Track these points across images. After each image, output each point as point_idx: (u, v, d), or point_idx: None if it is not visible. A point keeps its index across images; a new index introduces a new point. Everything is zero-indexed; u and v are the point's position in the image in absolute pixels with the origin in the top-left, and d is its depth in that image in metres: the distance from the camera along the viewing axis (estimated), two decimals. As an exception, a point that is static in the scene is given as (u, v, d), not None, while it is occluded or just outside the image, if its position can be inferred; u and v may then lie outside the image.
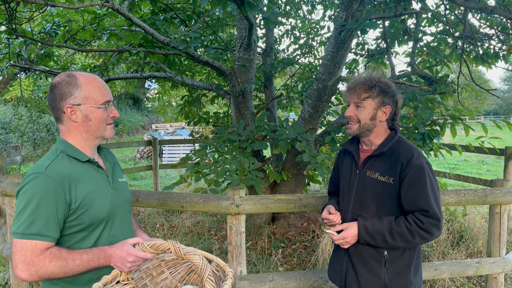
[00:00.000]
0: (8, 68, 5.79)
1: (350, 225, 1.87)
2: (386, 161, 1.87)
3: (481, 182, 6.06)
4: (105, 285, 1.42)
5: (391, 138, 1.90)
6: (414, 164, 1.78)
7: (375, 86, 1.85)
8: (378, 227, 1.81)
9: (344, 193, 2.02)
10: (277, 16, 4.75)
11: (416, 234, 1.75)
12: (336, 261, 2.06)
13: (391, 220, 1.81)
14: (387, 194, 1.84)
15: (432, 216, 1.75)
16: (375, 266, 1.87)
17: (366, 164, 1.93)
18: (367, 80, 1.87)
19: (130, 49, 4.72)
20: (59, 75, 1.55)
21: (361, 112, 1.87)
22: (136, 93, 27.57)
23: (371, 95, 1.85)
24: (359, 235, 1.85)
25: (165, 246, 1.40)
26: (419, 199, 1.76)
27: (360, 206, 1.92)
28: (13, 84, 16.62)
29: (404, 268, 1.87)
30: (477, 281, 3.92)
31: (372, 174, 1.89)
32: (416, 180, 1.77)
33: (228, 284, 1.36)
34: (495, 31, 5.02)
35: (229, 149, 4.44)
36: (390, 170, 1.83)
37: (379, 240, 1.81)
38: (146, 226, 5.80)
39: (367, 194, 1.90)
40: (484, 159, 13.13)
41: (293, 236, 5.11)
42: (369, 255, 1.88)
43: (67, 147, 1.54)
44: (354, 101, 1.88)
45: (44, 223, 1.38)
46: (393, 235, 1.78)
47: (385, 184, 1.84)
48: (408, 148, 1.85)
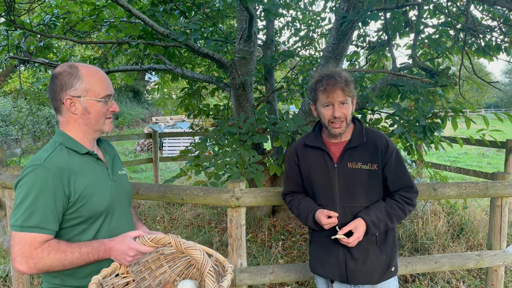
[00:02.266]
0: (7, 60, 5.75)
1: (358, 224, 1.87)
2: (364, 150, 1.94)
3: (481, 175, 6.06)
4: (104, 278, 1.41)
5: (360, 128, 1.99)
6: (391, 148, 1.94)
7: (351, 81, 1.89)
8: (381, 217, 1.88)
9: (324, 189, 1.99)
10: (277, 7, 4.71)
11: (407, 210, 1.93)
12: (329, 257, 2.02)
13: (386, 206, 1.92)
14: (374, 180, 1.93)
15: (415, 191, 1.96)
16: (370, 247, 1.95)
17: (344, 156, 1.95)
18: (344, 76, 1.88)
19: (130, 41, 4.68)
20: (61, 65, 1.53)
21: (347, 109, 1.89)
22: (136, 86, 27.49)
23: (351, 91, 1.88)
24: (368, 230, 1.87)
25: (166, 240, 1.39)
26: (402, 178, 1.95)
27: (349, 198, 1.94)
28: (12, 76, 16.57)
29: (391, 241, 2.01)
30: (477, 274, 3.93)
31: (354, 164, 1.93)
32: (397, 161, 1.95)
33: (227, 280, 1.36)
34: (497, 23, 4.98)
35: (229, 142, 4.42)
36: (372, 158, 1.92)
37: (382, 227, 1.90)
38: (146, 218, 5.81)
39: (354, 185, 1.93)
40: (484, 152, 13.11)
41: (293, 228, 5.11)
42: (364, 240, 1.92)
43: (66, 139, 1.52)
44: (339, 100, 1.87)
45: (42, 215, 1.36)
46: (391, 219, 1.90)
47: (370, 171, 1.92)
48: (379, 134, 1.98)
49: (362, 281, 1.96)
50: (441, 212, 5.12)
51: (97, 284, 1.33)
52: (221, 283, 1.34)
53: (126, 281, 1.52)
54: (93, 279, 1.34)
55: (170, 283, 1.65)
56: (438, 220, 4.86)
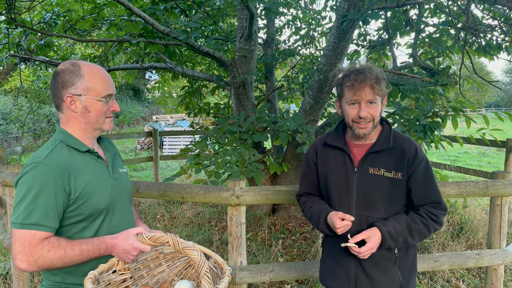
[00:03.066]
0: (8, 58, 5.76)
1: (373, 234, 1.69)
2: (390, 156, 1.75)
3: (481, 174, 6.06)
4: (101, 274, 1.41)
5: (388, 131, 1.80)
6: (420, 157, 1.73)
7: (383, 78, 1.68)
8: (399, 229, 1.70)
9: (340, 194, 1.82)
10: (278, 6, 4.70)
11: (432, 228, 1.72)
12: (339, 269, 1.85)
13: (407, 219, 1.73)
14: (396, 190, 1.74)
15: (443, 208, 1.75)
16: (388, 266, 1.77)
17: (366, 160, 1.78)
18: (375, 73, 1.67)
19: (130, 39, 4.68)
20: (64, 63, 1.54)
21: (375, 109, 1.70)
22: (137, 84, 27.49)
23: (382, 89, 1.67)
24: (383, 242, 1.70)
25: (164, 239, 1.39)
26: (430, 192, 1.74)
27: (366, 206, 1.77)
28: (13, 74, 16.56)
29: (411, 262, 1.83)
30: (477, 273, 3.93)
31: (376, 170, 1.75)
32: (425, 173, 1.74)
33: (224, 282, 1.34)
34: (498, 22, 4.98)
35: (229, 140, 4.43)
36: (397, 165, 1.73)
37: (400, 242, 1.72)
38: (146, 216, 5.81)
39: (374, 193, 1.75)
40: (485, 151, 13.11)
41: (293, 227, 5.12)
42: (381, 257, 1.76)
43: (67, 137, 1.53)
44: (367, 99, 1.67)
45: (42, 213, 1.37)
46: (412, 234, 1.71)
47: (393, 180, 1.73)
48: (410, 141, 1.78)
49: None
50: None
51: (93, 279, 1.32)
52: (218, 285, 1.33)
53: (123, 278, 1.52)
54: (89, 274, 1.34)
55: (168, 283, 1.64)
56: (438, 219, 4.86)
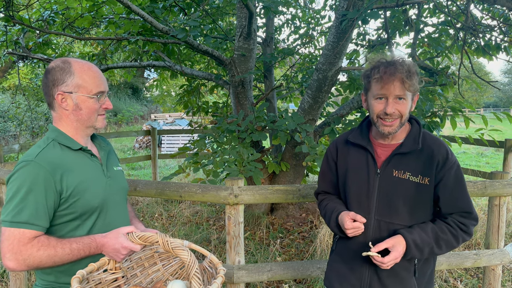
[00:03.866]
0: (6, 56, 5.74)
1: (397, 242, 1.56)
2: (417, 159, 1.63)
3: (480, 174, 6.07)
4: (91, 273, 1.39)
5: (418, 132, 1.66)
6: (451, 162, 1.60)
7: (415, 73, 1.55)
8: (426, 239, 1.58)
9: (359, 197, 1.70)
10: (277, 5, 4.69)
11: (460, 238, 1.61)
12: (352, 275, 1.73)
13: (434, 227, 1.61)
14: (422, 196, 1.62)
15: (473, 218, 1.62)
16: (406, 276, 1.65)
17: (391, 162, 1.65)
18: (407, 66, 1.54)
19: (129, 38, 4.67)
20: (54, 61, 1.53)
21: (403, 106, 1.56)
22: (135, 83, 27.45)
23: (413, 85, 1.54)
24: (408, 251, 1.56)
25: (154, 238, 1.36)
26: (460, 200, 1.61)
27: (388, 211, 1.65)
28: (11, 72, 16.52)
29: (429, 274, 1.73)
30: (475, 273, 3.93)
31: (400, 174, 1.63)
32: (456, 180, 1.61)
33: (217, 283, 1.32)
34: (497, 22, 4.97)
35: (228, 139, 4.42)
36: (425, 170, 1.61)
37: (426, 253, 1.60)
38: (144, 215, 5.80)
39: (398, 198, 1.63)
40: (483, 152, 13.13)
41: (291, 226, 5.11)
42: (399, 266, 1.63)
43: (59, 135, 1.52)
44: (396, 93, 1.54)
45: (32, 211, 1.36)
46: (439, 244, 1.60)
47: (419, 185, 1.61)
48: (439, 143, 1.64)
49: None
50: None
51: (80, 279, 1.30)
52: (210, 285, 1.31)
53: (114, 277, 1.50)
54: (77, 273, 1.31)
55: (161, 282, 1.62)
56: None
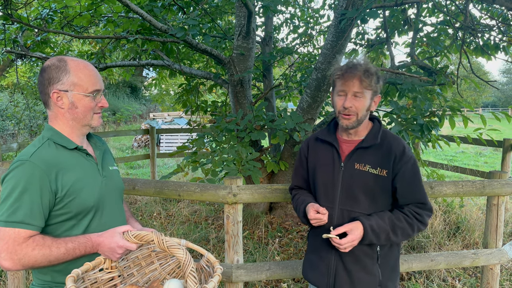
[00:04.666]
0: (4, 55, 5.73)
1: (355, 227, 1.72)
2: (377, 153, 1.79)
3: (478, 174, 6.08)
4: (86, 272, 1.39)
5: (378, 129, 1.84)
6: (408, 157, 1.76)
7: (374, 74, 1.73)
8: (382, 225, 1.72)
9: (326, 188, 1.86)
10: (276, 4, 4.69)
11: (416, 227, 1.74)
12: (321, 263, 1.89)
13: (391, 216, 1.75)
14: (380, 187, 1.77)
15: (428, 208, 1.78)
16: (369, 263, 1.80)
17: (353, 156, 1.82)
18: (368, 67, 1.73)
19: (128, 36, 4.66)
20: (50, 59, 1.52)
21: (360, 103, 1.74)
22: (134, 82, 27.41)
23: (371, 84, 1.73)
24: (365, 236, 1.72)
25: (149, 237, 1.36)
26: (416, 192, 1.77)
27: (350, 201, 1.80)
28: (9, 70, 16.47)
29: (394, 261, 1.87)
30: (473, 272, 3.94)
31: (361, 166, 1.79)
32: (412, 173, 1.76)
33: (214, 282, 1.31)
34: (496, 22, 4.98)
35: (226, 138, 4.41)
36: (383, 163, 1.77)
37: (382, 238, 1.73)
38: (143, 214, 5.80)
39: (358, 188, 1.79)
40: (481, 151, 13.15)
41: (290, 225, 5.11)
42: (362, 253, 1.79)
43: (54, 134, 1.51)
44: (354, 90, 1.72)
45: (27, 211, 1.35)
46: (396, 231, 1.73)
47: (378, 177, 1.77)
48: (398, 139, 1.81)
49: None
50: (437, 210, 5.14)
51: (75, 278, 1.30)
52: (206, 284, 1.30)
53: (110, 276, 1.50)
54: (72, 272, 1.31)
55: (158, 281, 1.62)
56: (435, 219, 4.87)
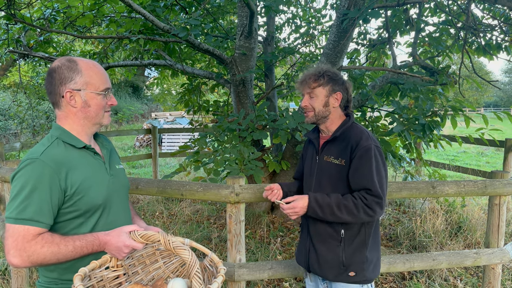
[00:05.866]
0: (7, 54, 5.75)
1: (301, 197, 1.97)
2: (339, 144, 2.00)
3: (480, 173, 6.08)
4: (93, 270, 1.41)
5: (345, 123, 2.05)
6: (362, 145, 1.91)
7: (323, 75, 2.00)
8: (327, 199, 1.93)
9: (306, 178, 2.16)
10: (278, 4, 4.70)
11: (361, 208, 1.87)
12: (301, 243, 2.19)
13: (338, 195, 1.95)
14: (340, 175, 1.97)
15: (374, 194, 1.87)
16: (333, 244, 2.00)
17: (324, 149, 2.07)
18: (315, 71, 2.02)
19: (130, 36, 4.67)
20: (58, 59, 1.53)
21: (314, 101, 2.02)
22: (136, 81, 27.42)
23: (321, 84, 2.00)
24: (309, 205, 1.95)
25: (156, 237, 1.38)
26: (363, 178, 1.89)
27: (319, 188, 2.05)
28: (12, 70, 16.50)
29: (359, 245, 1.99)
30: (475, 272, 3.94)
31: (328, 158, 2.03)
32: (362, 161, 1.90)
33: (217, 282, 1.33)
34: (498, 22, 4.97)
35: (228, 138, 4.42)
36: (342, 153, 1.97)
37: (327, 211, 1.92)
38: (145, 213, 5.82)
39: (324, 177, 2.04)
40: (483, 151, 13.13)
41: (291, 225, 5.12)
42: (327, 234, 2.01)
43: (63, 133, 1.52)
44: (307, 92, 2.04)
45: (37, 208, 1.36)
46: (340, 207, 1.90)
47: (338, 166, 1.98)
48: (359, 132, 1.98)
49: (318, 273, 2.06)
50: (439, 210, 5.14)
51: (82, 276, 1.31)
52: (210, 285, 1.32)
53: (116, 274, 1.52)
54: (79, 271, 1.32)
55: (162, 280, 1.63)
56: (436, 218, 4.88)
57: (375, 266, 2.05)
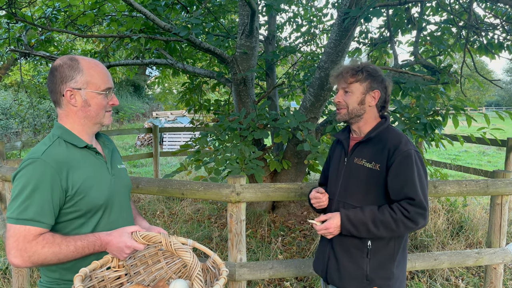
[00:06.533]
0: (8, 53, 5.74)
1: (333, 216, 1.82)
2: (373, 147, 1.84)
3: (482, 173, 6.06)
4: (94, 270, 1.40)
5: (380, 125, 1.88)
6: (401, 150, 1.75)
7: (361, 71, 1.84)
8: (361, 216, 1.76)
9: (331, 181, 2.00)
10: (279, 2, 4.69)
11: (401, 223, 1.71)
12: (320, 250, 2.03)
13: (374, 209, 1.77)
14: (373, 181, 1.81)
15: (418, 205, 1.71)
16: (358, 255, 1.84)
17: (354, 151, 1.91)
18: (353, 65, 1.87)
19: (131, 35, 4.67)
20: (60, 58, 1.52)
21: (349, 97, 1.86)
22: (137, 80, 27.42)
23: (358, 79, 1.84)
24: (342, 226, 1.79)
25: (157, 238, 1.37)
26: (405, 187, 1.72)
27: (345, 193, 1.89)
28: (13, 69, 16.51)
29: (387, 259, 1.83)
30: (476, 271, 3.93)
31: (359, 160, 1.86)
32: (403, 167, 1.74)
33: (219, 284, 1.32)
34: (500, 21, 4.95)
35: (229, 137, 4.42)
36: (377, 156, 1.80)
37: (362, 230, 1.76)
38: (146, 213, 5.82)
39: (353, 181, 1.87)
40: (485, 150, 13.11)
41: (292, 224, 5.12)
42: (351, 244, 1.85)
43: (64, 132, 1.52)
44: (342, 87, 1.88)
45: (38, 209, 1.36)
46: (376, 224, 1.74)
47: (370, 170, 1.81)
48: (396, 135, 1.82)
49: (337, 285, 1.89)
50: (440, 209, 5.13)
51: (82, 277, 1.31)
52: (212, 287, 1.31)
53: (117, 275, 1.51)
54: (80, 271, 1.32)
55: (164, 281, 1.63)
56: (438, 218, 4.87)
57: (401, 284, 1.88)
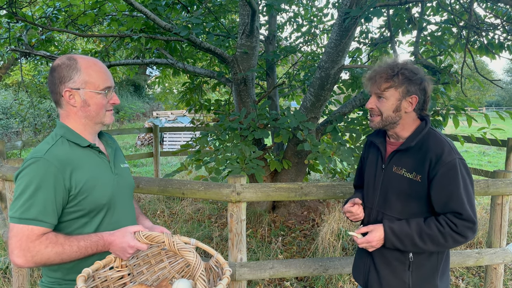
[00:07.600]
0: (9, 53, 5.74)
1: (376, 228, 1.72)
2: (414, 156, 1.70)
3: (482, 173, 6.05)
4: (97, 270, 1.40)
5: (420, 131, 1.72)
6: (445, 161, 1.61)
7: (397, 74, 1.66)
8: (406, 229, 1.67)
9: (368, 189, 1.89)
10: (280, 2, 4.68)
11: (449, 237, 1.61)
12: (360, 260, 1.95)
13: (420, 222, 1.67)
14: (414, 192, 1.69)
15: (466, 219, 1.60)
16: (399, 268, 1.76)
17: (393, 158, 1.77)
18: (388, 68, 1.69)
19: (132, 35, 4.67)
20: (59, 58, 1.52)
21: (383, 104, 1.71)
22: (137, 80, 27.44)
23: (394, 85, 1.67)
24: (386, 239, 1.70)
25: (160, 238, 1.37)
26: (451, 200, 1.61)
27: (385, 203, 1.79)
28: (13, 69, 16.52)
29: (430, 272, 1.74)
30: (477, 272, 3.93)
31: (398, 170, 1.74)
32: (447, 180, 1.61)
33: (222, 284, 1.31)
34: (500, 21, 4.95)
35: (230, 137, 4.42)
36: (418, 167, 1.67)
37: (408, 243, 1.67)
38: (147, 212, 5.82)
39: (392, 192, 1.76)
40: (485, 150, 13.10)
41: (293, 224, 5.12)
42: (393, 257, 1.77)
43: (67, 131, 1.51)
44: (375, 92, 1.72)
45: (41, 208, 1.35)
46: (423, 238, 1.64)
47: (412, 181, 1.69)
48: (439, 142, 1.67)
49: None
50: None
51: (85, 278, 1.31)
52: (215, 287, 1.31)
53: (120, 275, 1.51)
54: (83, 272, 1.32)
55: (167, 280, 1.63)
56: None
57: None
